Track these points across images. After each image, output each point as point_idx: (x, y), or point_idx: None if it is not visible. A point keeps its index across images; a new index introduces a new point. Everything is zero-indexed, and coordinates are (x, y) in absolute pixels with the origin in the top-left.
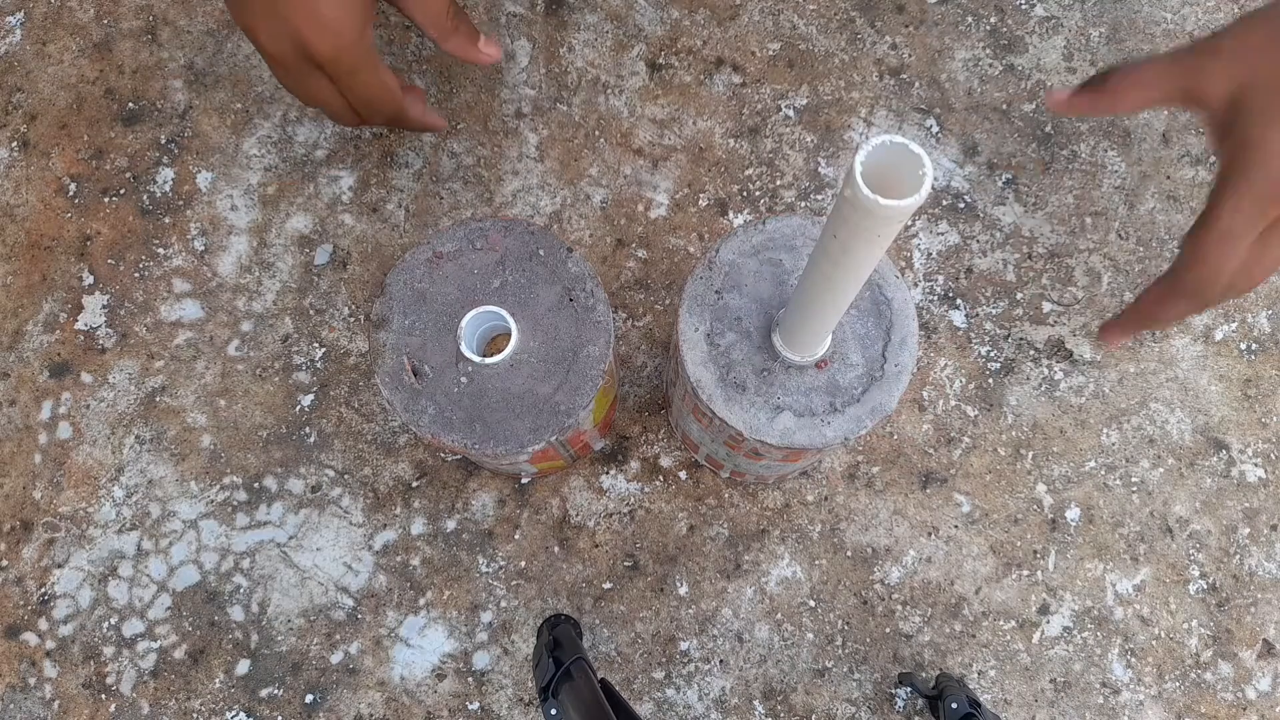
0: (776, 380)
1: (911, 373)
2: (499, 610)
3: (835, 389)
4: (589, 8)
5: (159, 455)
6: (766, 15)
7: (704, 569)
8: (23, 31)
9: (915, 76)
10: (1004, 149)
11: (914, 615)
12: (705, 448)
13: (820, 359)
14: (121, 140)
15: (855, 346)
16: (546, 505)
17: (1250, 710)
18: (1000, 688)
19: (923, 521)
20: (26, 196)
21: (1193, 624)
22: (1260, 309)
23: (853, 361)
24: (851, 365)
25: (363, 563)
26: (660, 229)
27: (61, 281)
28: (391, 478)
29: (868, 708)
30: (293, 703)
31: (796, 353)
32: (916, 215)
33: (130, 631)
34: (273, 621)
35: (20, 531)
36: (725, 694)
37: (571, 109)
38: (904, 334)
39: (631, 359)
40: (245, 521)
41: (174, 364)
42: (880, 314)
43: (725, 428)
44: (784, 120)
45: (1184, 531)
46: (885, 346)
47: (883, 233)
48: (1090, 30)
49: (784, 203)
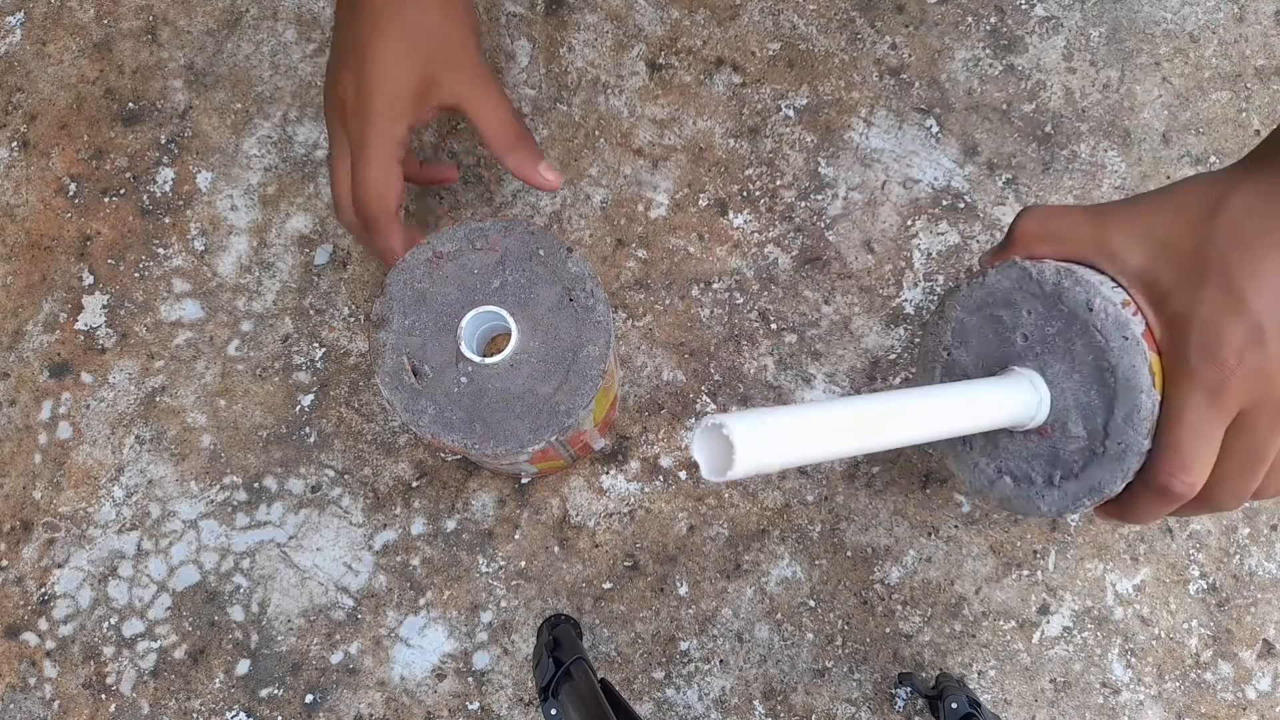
0: (1001, 442)
1: (1141, 453)
2: (499, 610)
3: (1056, 459)
4: (589, 8)
5: (159, 455)
6: (766, 15)
7: (704, 569)
8: (23, 31)
9: (915, 76)
10: (1004, 149)
11: (914, 615)
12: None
13: (1041, 425)
14: (121, 140)
15: (1076, 416)
16: (546, 505)
17: (1250, 710)
18: (1000, 688)
19: (923, 521)
20: (26, 196)
21: (1193, 624)
22: None
23: (1074, 434)
24: (1073, 437)
25: (363, 563)
26: (660, 229)
27: (61, 281)
28: (391, 478)
29: (868, 708)
30: (293, 703)
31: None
32: (917, 215)
33: (130, 631)
34: (273, 621)
35: (20, 531)
36: (725, 694)
37: (571, 109)
38: (1130, 408)
39: (631, 359)
40: (245, 521)
41: (174, 364)
42: (1104, 381)
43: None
44: (784, 120)
45: (1184, 531)
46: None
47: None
48: (1090, 30)
49: (784, 202)
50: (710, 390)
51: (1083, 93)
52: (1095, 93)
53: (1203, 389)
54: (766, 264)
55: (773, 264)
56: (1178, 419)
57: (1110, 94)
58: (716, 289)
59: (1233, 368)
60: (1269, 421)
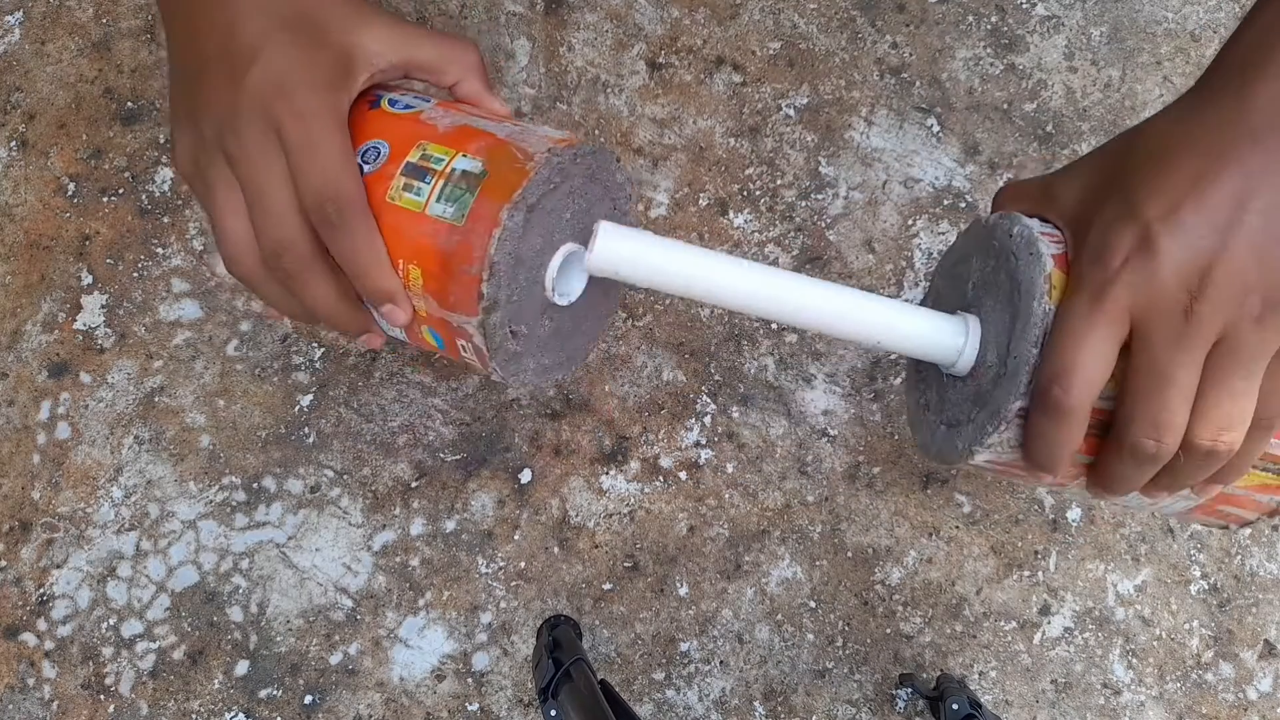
0: (947, 395)
1: (1030, 363)
2: (498, 611)
3: (979, 397)
4: (589, 7)
5: (158, 455)
6: (767, 14)
7: (704, 569)
8: (21, 31)
9: (916, 75)
10: (1005, 148)
11: (915, 616)
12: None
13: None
14: (120, 140)
15: (993, 346)
16: (546, 505)
17: (1251, 711)
18: (1001, 688)
19: (924, 522)
20: (25, 196)
21: (1194, 624)
22: None
23: (989, 363)
24: (988, 366)
25: (362, 563)
26: (660, 229)
27: (60, 281)
28: (390, 478)
29: (868, 709)
30: (292, 703)
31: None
32: (918, 214)
33: (129, 632)
34: (272, 622)
35: (19, 532)
36: (725, 695)
37: (571, 108)
38: (1024, 320)
39: (631, 359)
40: (244, 522)
41: (173, 364)
42: (1014, 304)
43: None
44: (784, 119)
45: (1185, 532)
46: (1010, 340)
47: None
48: (1091, 29)
49: (784, 202)
50: (710, 390)
51: (1084, 92)
52: (1096, 92)
53: (1085, 292)
54: (767, 263)
55: (773, 263)
56: (1059, 324)
57: (1111, 93)
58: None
59: (1116, 270)
60: (1165, 335)
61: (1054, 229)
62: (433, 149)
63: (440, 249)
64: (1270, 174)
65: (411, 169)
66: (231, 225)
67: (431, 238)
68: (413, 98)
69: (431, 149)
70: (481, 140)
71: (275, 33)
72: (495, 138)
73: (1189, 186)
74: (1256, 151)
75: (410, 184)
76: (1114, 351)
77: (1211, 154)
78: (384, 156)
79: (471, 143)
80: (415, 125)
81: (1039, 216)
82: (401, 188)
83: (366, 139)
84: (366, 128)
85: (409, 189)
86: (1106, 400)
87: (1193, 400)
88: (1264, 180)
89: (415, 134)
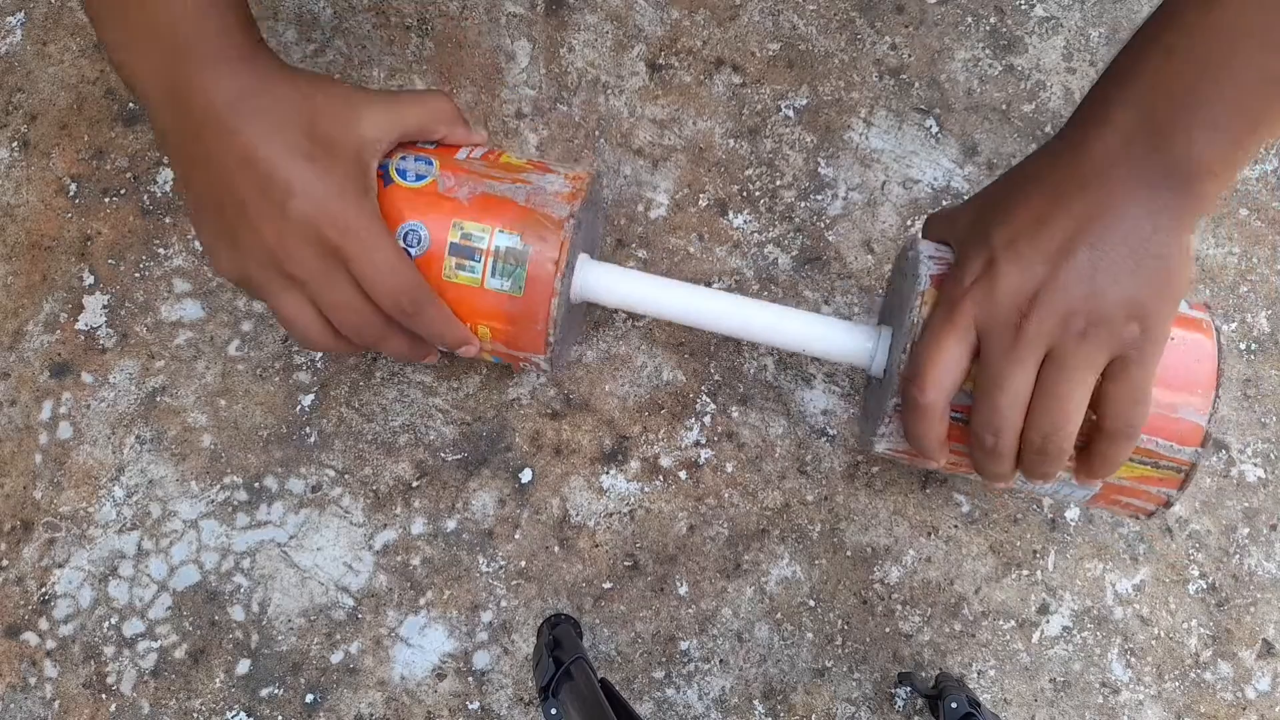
0: (871, 394)
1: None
2: (499, 610)
3: (891, 388)
4: (589, 8)
5: (159, 455)
6: (766, 15)
7: (704, 569)
8: (23, 32)
9: (915, 77)
10: (1004, 149)
11: (914, 615)
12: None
13: (881, 370)
14: (122, 140)
15: (899, 337)
16: (546, 505)
17: (1250, 710)
18: (1000, 687)
19: (922, 521)
20: (27, 196)
21: (1192, 624)
22: (1260, 309)
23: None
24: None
25: (363, 562)
26: (660, 229)
27: (62, 281)
28: (392, 477)
29: (867, 707)
30: (293, 702)
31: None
32: (917, 215)
33: (131, 631)
34: (273, 621)
35: (21, 531)
36: (725, 694)
37: (571, 109)
38: (899, 331)
39: (631, 359)
40: (246, 521)
41: (174, 364)
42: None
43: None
44: (784, 120)
45: (1183, 531)
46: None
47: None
48: (1090, 30)
49: (784, 203)
50: (710, 390)
51: (1082, 93)
52: None
53: (943, 306)
54: (766, 264)
55: (773, 264)
56: (923, 334)
57: None
58: (716, 289)
59: (966, 289)
60: (1000, 345)
61: (947, 254)
62: (469, 226)
63: (505, 313)
64: (1095, 218)
65: (458, 249)
66: (301, 319)
67: (495, 305)
68: (414, 160)
69: (468, 226)
70: (508, 212)
71: (301, 166)
72: (518, 206)
73: (1030, 223)
74: (1084, 198)
75: (462, 263)
76: (965, 356)
77: (1050, 197)
78: (426, 240)
79: (500, 216)
80: (439, 200)
81: (945, 240)
82: (455, 267)
83: (399, 220)
84: (393, 208)
85: (462, 268)
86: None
87: (1026, 404)
88: (1090, 223)
89: (444, 211)
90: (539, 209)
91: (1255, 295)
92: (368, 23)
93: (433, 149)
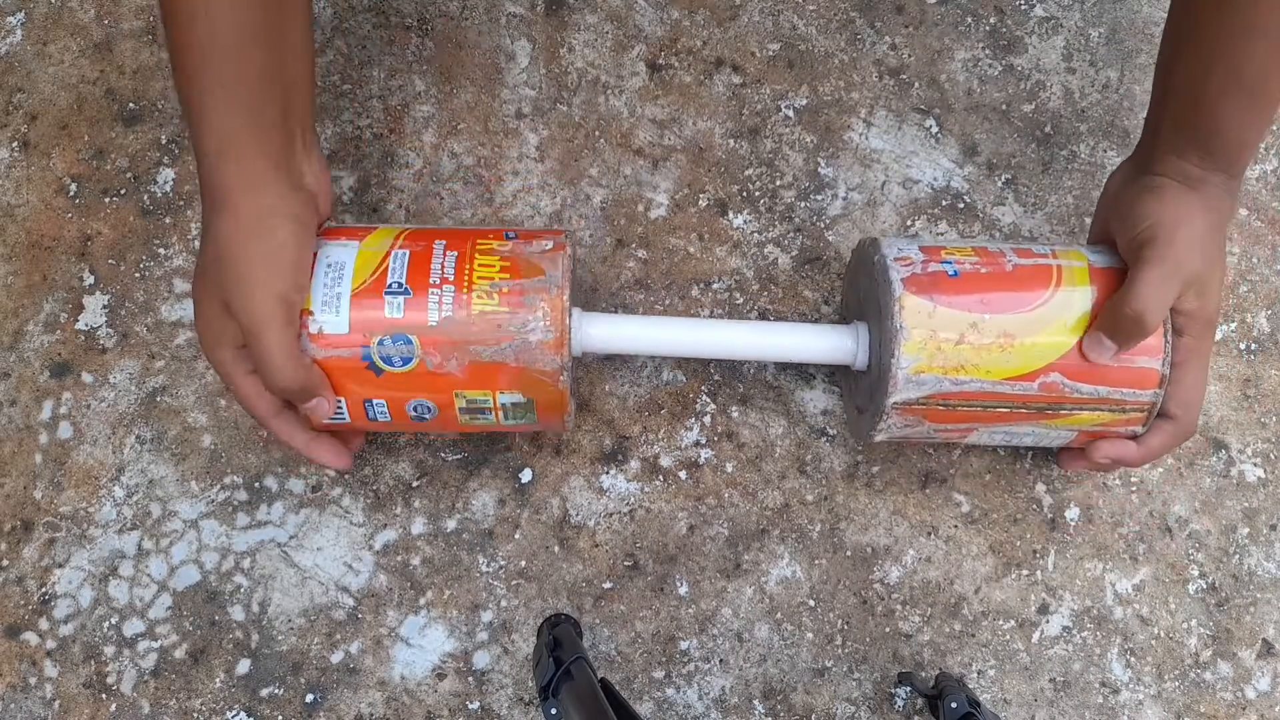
0: (857, 386)
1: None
2: (499, 610)
3: (874, 388)
4: (589, 8)
5: (160, 455)
6: (766, 16)
7: (704, 569)
8: (23, 32)
9: (915, 77)
10: (1003, 149)
11: (913, 615)
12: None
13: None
14: (122, 140)
15: (876, 349)
16: (546, 505)
17: (1249, 710)
18: (1000, 687)
19: (922, 521)
20: (27, 196)
21: (1192, 624)
22: (1260, 309)
23: (875, 361)
24: (875, 365)
25: (363, 562)
26: (660, 229)
27: (62, 281)
28: (392, 477)
29: (867, 707)
30: (293, 702)
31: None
32: (916, 215)
33: (131, 631)
34: (273, 621)
35: (21, 531)
36: (725, 693)
37: (571, 109)
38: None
39: (631, 359)
40: (246, 521)
41: (175, 364)
42: (881, 317)
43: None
44: (784, 120)
45: (1183, 531)
46: (881, 350)
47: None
48: (1090, 30)
49: (783, 203)
50: (710, 390)
51: (1082, 93)
52: (1095, 93)
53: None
54: (766, 264)
55: (773, 264)
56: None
57: (1110, 94)
58: (716, 289)
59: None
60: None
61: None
62: (471, 394)
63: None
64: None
65: (467, 410)
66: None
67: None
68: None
69: (470, 395)
70: (502, 374)
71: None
72: (510, 368)
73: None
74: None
75: (474, 417)
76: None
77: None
78: (435, 410)
79: (496, 381)
80: (434, 379)
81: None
82: (469, 419)
83: (406, 400)
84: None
85: (475, 419)
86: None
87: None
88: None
89: (442, 387)
90: (531, 367)
91: (1255, 295)
92: (368, 23)
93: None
